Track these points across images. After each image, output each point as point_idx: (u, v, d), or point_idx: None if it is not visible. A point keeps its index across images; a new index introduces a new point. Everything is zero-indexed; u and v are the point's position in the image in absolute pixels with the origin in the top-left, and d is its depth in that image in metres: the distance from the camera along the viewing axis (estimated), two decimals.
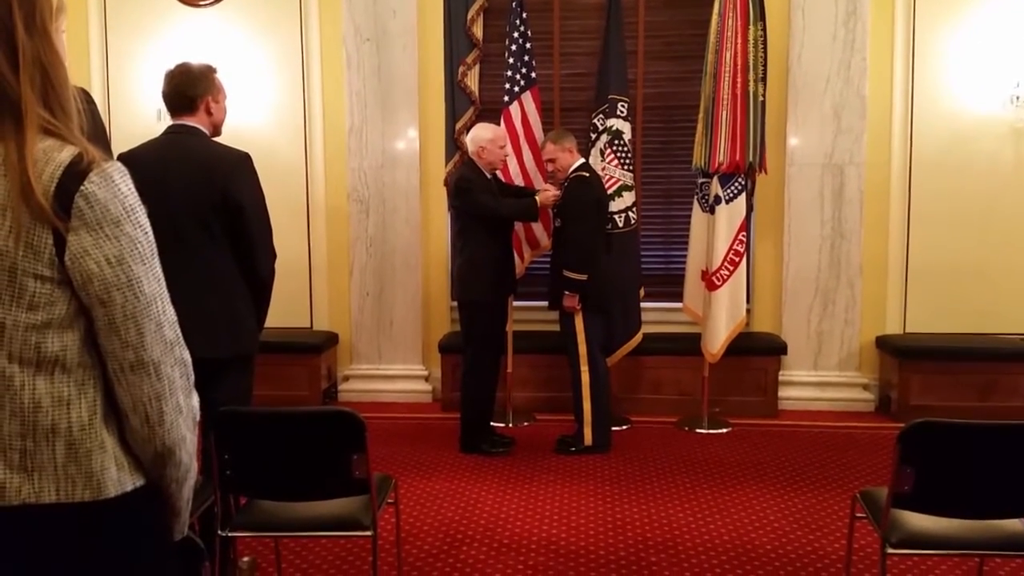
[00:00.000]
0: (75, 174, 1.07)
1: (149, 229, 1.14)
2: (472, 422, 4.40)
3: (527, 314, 5.11)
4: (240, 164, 2.70)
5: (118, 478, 1.14)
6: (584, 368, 4.33)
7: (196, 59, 2.85)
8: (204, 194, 2.62)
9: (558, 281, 4.30)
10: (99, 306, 1.10)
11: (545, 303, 4.51)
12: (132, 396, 1.13)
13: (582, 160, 4.43)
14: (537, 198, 4.34)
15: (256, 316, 2.82)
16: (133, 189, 1.12)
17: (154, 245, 1.14)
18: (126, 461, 1.16)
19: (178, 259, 2.53)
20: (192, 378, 1.20)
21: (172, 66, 2.76)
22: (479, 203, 4.22)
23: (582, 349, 4.32)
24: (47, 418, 1.10)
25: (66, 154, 1.08)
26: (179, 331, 1.18)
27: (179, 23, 5.45)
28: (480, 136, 4.33)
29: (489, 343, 4.38)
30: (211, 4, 5.44)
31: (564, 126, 5.37)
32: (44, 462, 1.10)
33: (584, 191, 4.26)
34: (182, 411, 1.18)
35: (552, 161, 4.39)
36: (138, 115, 5.32)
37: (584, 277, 4.20)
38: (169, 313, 1.16)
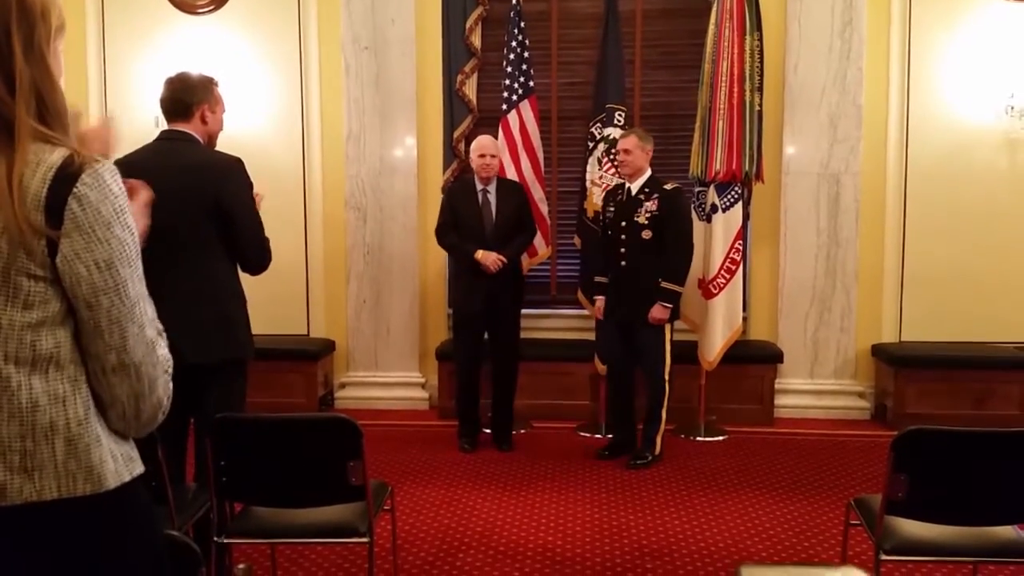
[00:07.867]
0: (67, 176, 1.10)
1: (135, 228, 1.17)
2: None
3: (525, 321, 5.11)
4: (231, 168, 2.70)
5: (115, 469, 1.17)
6: (667, 379, 4.26)
7: (194, 66, 2.87)
8: (196, 199, 2.62)
9: (639, 292, 4.17)
10: (85, 309, 1.12)
11: (540, 310, 4.47)
12: (112, 395, 1.16)
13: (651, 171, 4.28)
14: (478, 257, 4.29)
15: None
16: (123, 189, 1.15)
17: (139, 245, 1.17)
18: (119, 453, 1.19)
19: (172, 264, 2.54)
20: (171, 366, 1.24)
21: (173, 73, 2.78)
22: (439, 220, 4.50)
23: (668, 359, 4.25)
24: (45, 416, 1.12)
25: (57, 156, 1.11)
26: (159, 325, 1.22)
27: (177, 30, 5.46)
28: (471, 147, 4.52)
29: (457, 351, 4.58)
30: (209, 11, 5.46)
31: (562, 135, 5.39)
32: (44, 461, 1.12)
33: (685, 204, 4.19)
34: (161, 404, 1.22)
35: (627, 152, 4.18)
36: (136, 122, 5.32)
37: (681, 290, 4.19)
38: (149, 312, 1.19)
